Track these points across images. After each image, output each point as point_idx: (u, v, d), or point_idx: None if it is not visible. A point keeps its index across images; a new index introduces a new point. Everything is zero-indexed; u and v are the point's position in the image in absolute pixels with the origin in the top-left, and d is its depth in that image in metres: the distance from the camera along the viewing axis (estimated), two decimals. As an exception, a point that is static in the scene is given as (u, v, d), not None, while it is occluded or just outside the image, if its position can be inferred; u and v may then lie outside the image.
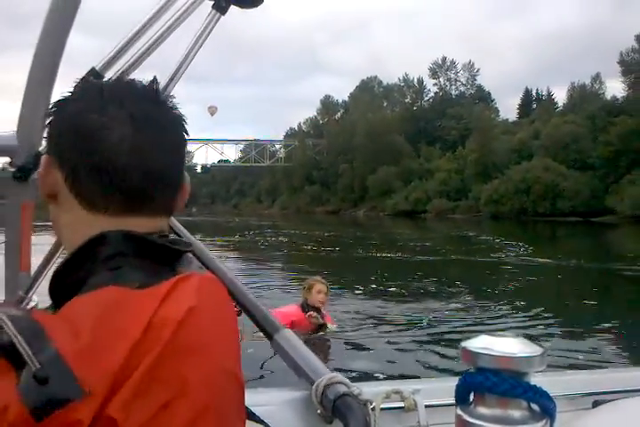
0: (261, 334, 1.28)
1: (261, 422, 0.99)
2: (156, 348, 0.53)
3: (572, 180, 49.73)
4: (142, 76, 0.73)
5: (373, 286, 9.76)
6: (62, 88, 0.75)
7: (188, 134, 0.74)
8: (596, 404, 1.29)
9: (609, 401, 1.28)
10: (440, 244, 21.62)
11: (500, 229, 34.39)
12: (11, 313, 0.52)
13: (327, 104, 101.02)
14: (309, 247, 19.31)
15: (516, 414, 0.54)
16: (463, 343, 0.57)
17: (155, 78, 0.72)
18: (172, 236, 0.74)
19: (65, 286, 0.64)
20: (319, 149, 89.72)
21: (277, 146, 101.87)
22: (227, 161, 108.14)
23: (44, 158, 0.70)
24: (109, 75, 1.15)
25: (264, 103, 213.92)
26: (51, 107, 0.70)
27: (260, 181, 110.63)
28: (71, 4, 1.06)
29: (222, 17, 1.27)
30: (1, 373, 0.49)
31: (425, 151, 74.15)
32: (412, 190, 65.88)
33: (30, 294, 1.24)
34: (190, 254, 0.75)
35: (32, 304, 1.25)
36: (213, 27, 1.27)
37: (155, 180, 0.67)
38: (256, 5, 1.29)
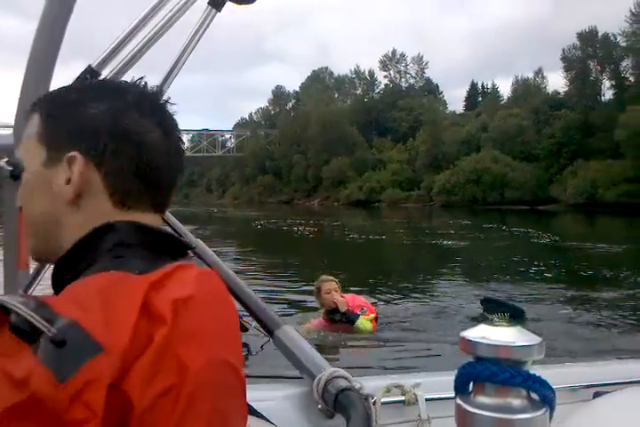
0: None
1: (261, 416, 1.00)
2: (161, 331, 0.52)
3: (519, 171, 51.28)
4: (139, 73, 0.76)
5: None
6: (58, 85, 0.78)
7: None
8: (596, 395, 1.30)
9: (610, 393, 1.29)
10: (454, 231, 22.15)
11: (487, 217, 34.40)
12: (19, 299, 0.52)
13: (278, 94, 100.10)
14: (354, 235, 19.28)
15: (516, 402, 0.55)
16: (462, 333, 0.57)
17: (160, 86, 0.77)
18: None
19: (67, 276, 0.64)
20: (272, 139, 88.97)
21: (228, 135, 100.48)
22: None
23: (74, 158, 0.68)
24: (106, 73, 1.13)
25: (213, 93, 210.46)
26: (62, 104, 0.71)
27: (208, 171, 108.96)
28: (66, 5, 1.04)
29: (218, 13, 1.26)
30: (16, 348, 0.49)
31: (377, 142, 74.69)
32: (366, 180, 66.35)
33: (30, 292, 1.22)
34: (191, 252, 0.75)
35: None
36: (209, 23, 1.26)
37: (174, 179, 0.73)
38: (252, 1, 1.29)
